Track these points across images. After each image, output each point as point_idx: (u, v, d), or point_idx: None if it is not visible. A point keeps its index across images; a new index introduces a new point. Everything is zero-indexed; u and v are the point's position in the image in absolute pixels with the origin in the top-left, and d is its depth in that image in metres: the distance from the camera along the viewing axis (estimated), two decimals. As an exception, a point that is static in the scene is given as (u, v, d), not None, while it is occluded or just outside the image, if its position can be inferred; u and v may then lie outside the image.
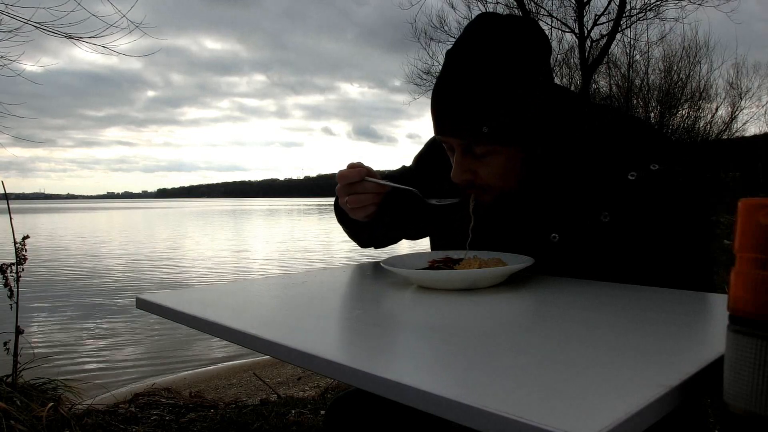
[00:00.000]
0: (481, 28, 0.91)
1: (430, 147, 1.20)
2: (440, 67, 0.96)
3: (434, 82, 0.95)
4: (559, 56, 15.16)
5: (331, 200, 1.09)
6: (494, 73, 0.87)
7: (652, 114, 16.28)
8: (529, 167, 0.96)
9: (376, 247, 1.26)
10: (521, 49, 0.89)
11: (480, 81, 0.87)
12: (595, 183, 0.92)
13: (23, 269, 2.50)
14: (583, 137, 0.95)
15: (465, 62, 0.89)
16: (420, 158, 1.22)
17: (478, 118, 0.88)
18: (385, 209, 1.06)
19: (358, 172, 1.00)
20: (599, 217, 0.90)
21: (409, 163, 1.26)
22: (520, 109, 0.89)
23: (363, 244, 1.22)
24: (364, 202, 1.02)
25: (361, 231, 1.16)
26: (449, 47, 0.95)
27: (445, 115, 0.92)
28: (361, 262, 1.17)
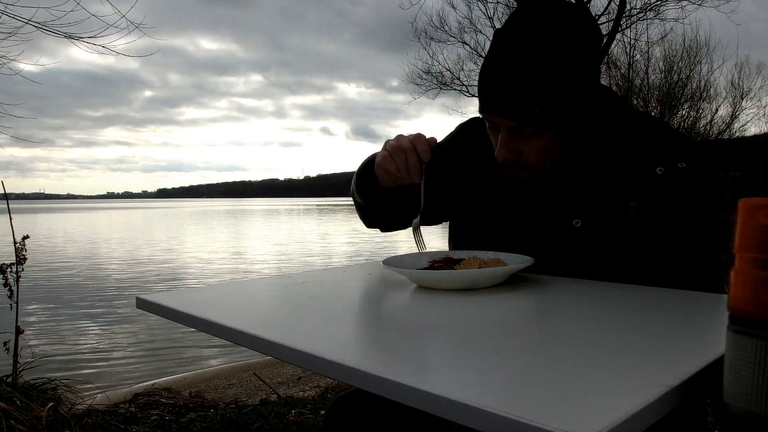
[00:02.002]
0: (532, 10, 0.91)
1: (450, 141, 1.18)
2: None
3: (482, 61, 0.95)
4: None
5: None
6: (548, 57, 0.87)
7: (652, 114, 16.25)
8: (565, 149, 0.96)
9: (382, 230, 1.25)
10: (574, 34, 0.90)
11: (533, 64, 0.88)
12: (623, 174, 0.93)
13: (23, 269, 2.50)
14: (617, 129, 0.97)
15: (518, 43, 0.89)
16: (436, 149, 1.20)
17: (530, 101, 0.88)
18: (404, 193, 1.06)
19: (429, 152, 0.96)
20: (626, 207, 0.91)
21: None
22: (571, 94, 0.89)
23: (369, 222, 1.22)
24: (402, 174, 0.97)
25: (373, 200, 1.12)
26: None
27: (496, 96, 0.91)
28: (361, 262, 1.17)
